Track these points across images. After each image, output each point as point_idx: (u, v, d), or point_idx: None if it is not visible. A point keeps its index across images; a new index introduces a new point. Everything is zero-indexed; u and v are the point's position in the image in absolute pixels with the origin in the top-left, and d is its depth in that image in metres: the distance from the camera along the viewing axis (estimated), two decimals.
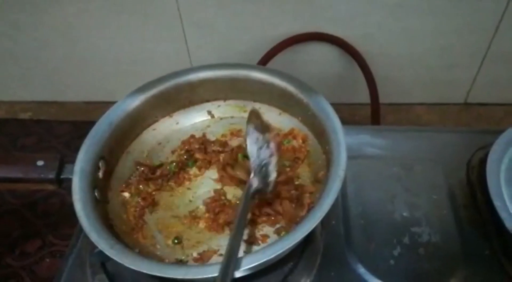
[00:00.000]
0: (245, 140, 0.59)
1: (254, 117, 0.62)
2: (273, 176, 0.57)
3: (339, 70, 1.22)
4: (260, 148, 0.57)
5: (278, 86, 0.65)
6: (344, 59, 1.16)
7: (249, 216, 0.57)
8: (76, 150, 0.57)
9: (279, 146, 0.62)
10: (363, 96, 1.20)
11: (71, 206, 0.52)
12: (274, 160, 0.58)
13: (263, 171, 0.56)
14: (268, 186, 0.56)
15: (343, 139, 0.55)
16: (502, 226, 0.54)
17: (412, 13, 0.97)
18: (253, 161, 0.56)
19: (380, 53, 1.10)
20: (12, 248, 1.14)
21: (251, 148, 0.57)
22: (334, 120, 0.58)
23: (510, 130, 0.63)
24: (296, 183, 0.61)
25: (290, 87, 0.64)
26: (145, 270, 0.46)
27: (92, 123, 0.61)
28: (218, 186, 0.63)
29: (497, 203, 0.55)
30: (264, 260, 0.45)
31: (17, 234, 1.16)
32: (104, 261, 0.57)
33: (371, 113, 1.03)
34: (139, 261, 0.47)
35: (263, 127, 0.60)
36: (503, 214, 0.54)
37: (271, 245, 0.47)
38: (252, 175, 0.56)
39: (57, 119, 1.50)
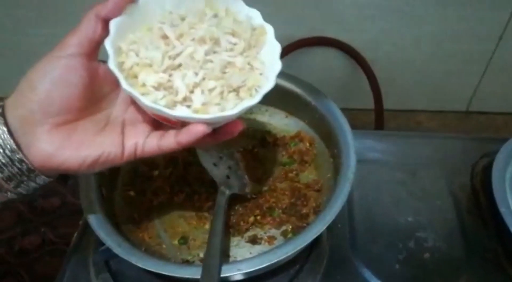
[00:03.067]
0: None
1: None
2: (245, 178, 0.60)
3: (341, 74, 1.22)
4: (215, 164, 0.58)
5: (285, 88, 0.65)
6: (347, 64, 1.16)
7: (252, 218, 0.58)
8: None
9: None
10: (364, 101, 1.20)
11: (71, 205, 0.52)
12: (238, 167, 0.60)
13: (231, 179, 0.58)
14: (245, 187, 0.59)
15: (352, 142, 0.55)
16: (507, 231, 0.54)
17: (417, 20, 0.97)
18: (213, 174, 0.58)
19: (383, 58, 1.10)
20: (10, 245, 1.12)
21: (206, 165, 0.58)
22: (342, 123, 0.58)
23: None
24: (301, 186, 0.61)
25: (297, 90, 0.64)
26: (154, 269, 0.46)
27: None
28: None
29: (502, 209, 0.56)
30: (274, 261, 0.45)
31: (16, 231, 1.15)
32: (109, 259, 0.56)
33: (375, 117, 1.03)
34: (148, 259, 0.47)
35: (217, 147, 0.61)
36: (508, 220, 0.55)
37: (280, 246, 0.47)
38: (219, 185, 0.57)
39: None
